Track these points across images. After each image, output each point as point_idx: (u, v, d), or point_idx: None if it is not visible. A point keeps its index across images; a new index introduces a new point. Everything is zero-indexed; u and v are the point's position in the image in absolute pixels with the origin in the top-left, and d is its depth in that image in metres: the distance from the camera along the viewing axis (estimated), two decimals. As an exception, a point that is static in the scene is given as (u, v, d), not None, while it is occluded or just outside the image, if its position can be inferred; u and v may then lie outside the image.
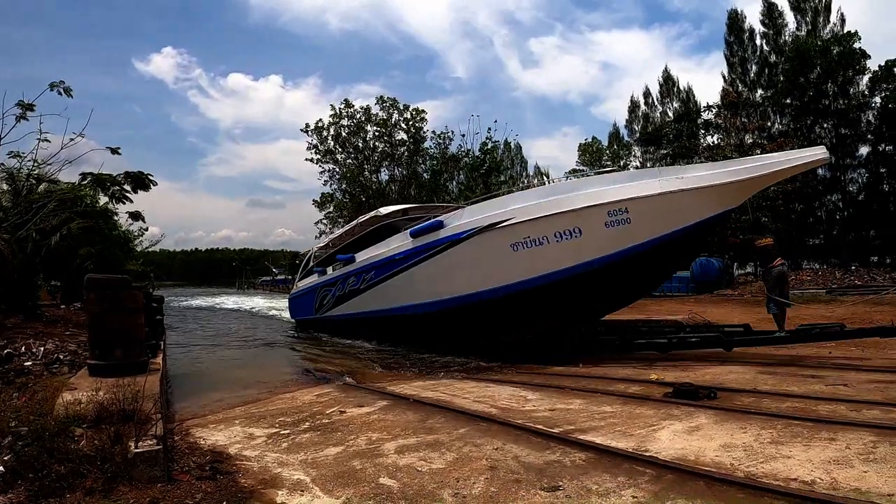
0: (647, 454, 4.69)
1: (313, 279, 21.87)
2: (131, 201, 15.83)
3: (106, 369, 6.95)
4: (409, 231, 14.57)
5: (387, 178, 47.37)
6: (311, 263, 23.24)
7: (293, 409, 7.77)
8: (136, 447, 4.22)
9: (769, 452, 4.58)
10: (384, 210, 18.76)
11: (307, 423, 6.77)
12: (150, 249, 30.40)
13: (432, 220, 13.95)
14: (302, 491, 4.26)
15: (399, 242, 15.03)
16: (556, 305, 11.75)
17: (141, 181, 15.13)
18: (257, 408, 8.12)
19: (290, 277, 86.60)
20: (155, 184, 15.61)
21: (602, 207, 10.58)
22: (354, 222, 20.68)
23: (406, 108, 46.35)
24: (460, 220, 13.06)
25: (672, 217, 10.10)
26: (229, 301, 52.07)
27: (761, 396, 6.94)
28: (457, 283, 13.10)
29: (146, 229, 24.18)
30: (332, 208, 47.40)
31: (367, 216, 19.54)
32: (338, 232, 22.64)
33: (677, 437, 5.30)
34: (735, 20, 42.38)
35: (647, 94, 49.26)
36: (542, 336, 12.19)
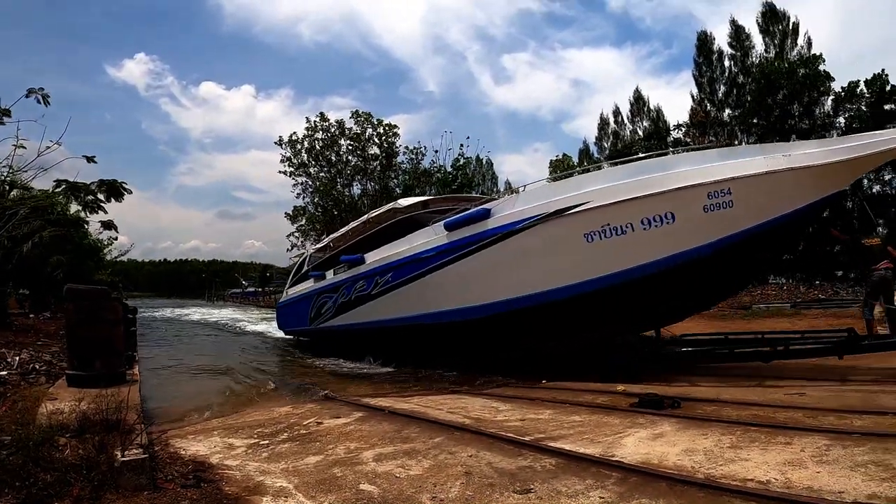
0: (614, 459, 4.93)
1: (308, 285, 19.65)
2: (105, 211, 15.72)
3: (85, 380, 7.05)
4: (441, 223, 12.63)
5: (359, 192, 47.50)
6: (306, 267, 20.87)
7: (270, 421, 7.88)
8: (123, 456, 4.34)
9: (728, 456, 4.84)
10: (403, 202, 16.30)
11: (285, 434, 6.92)
12: (118, 259, 30.12)
13: (475, 208, 12.15)
14: (286, 497, 4.42)
15: (426, 238, 13.04)
16: (631, 308, 10.48)
17: (115, 189, 14.90)
18: (234, 419, 8.24)
19: (259, 290, 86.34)
20: (129, 192, 15.48)
21: (702, 188, 9.06)
22: (363, 218, 18.04)
23: (380, 122, 46.70)
24: (513, 207, 11.20)
25: (778, 200, 8.79)
26: (202, 314, 51.54)
27: (723, 405, 7.22)
28: (510, 283, 11.15)
29: (115, 239, 23.95)
30: (304, 221, 47.34)
31: (381, 210, 17.10)
32: (340, 231, 20.06)
33: (642, 443, 5.54)
34: (704, 41, 43.26)
35: (616, 112, 49.71)
36: (591, 346, 11.07)
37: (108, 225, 17.01)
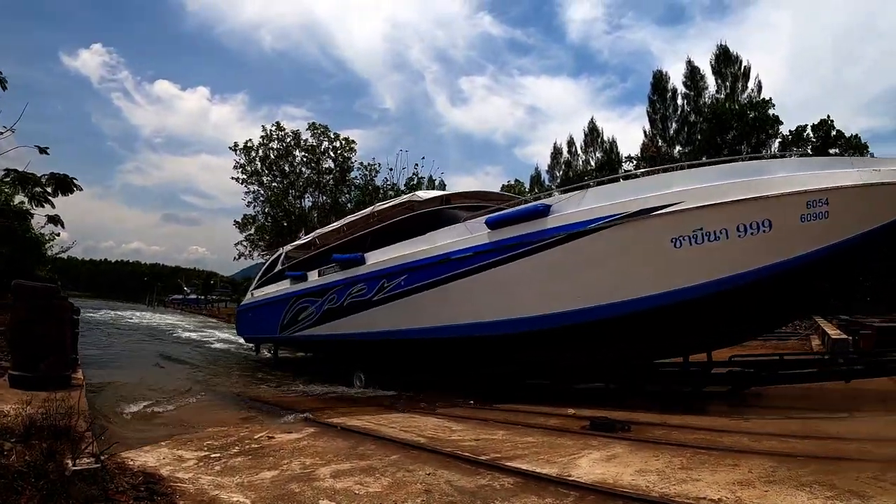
0: (571, 478, 5.03)
1: (283, 287, 17.44)
2: (52, 205, 15.19)
3: (30, 381, 6.82)
4: (480, 220, 11.15)
5: (310, 204, 47.08)
6: (280, 266, 18.55)
7: (219, 433, 7.74)
8: (74, 465, 4.22)
9: (680, 476, 5.01)
10: (423, 195, 14.03)
11: (236, 448, 6.81)
12: (59, 256, 29.03)
13: (530, 204, 10.84)
14: (244, 512, 4.37)
15: (458, 236, 11.48)
16: (715, 322, 9.48)
17: (65, 184, 14.44)
18: (182, 431, 8.08)
19: (202, 297, 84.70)
20: (80, 188, 15.01)
21: (801, 196, 8.37)
22: (366, 211, 15.89)
23: (336, 136, 46.42)
24: (580, 205, 9.92)
25: (869, 214, 8.29)
26: (143, 317, 50.18)
27: (671, 429, 7.44)
28: (577, 292, 9.79)
29: (58, 234, 23.05)
30: (253, 231, 46.62)
31: (393, 202, 15.01)
32: (332, 225, 17.76)
33: (596, 464, 5.66)
34: (660, 80, 44.83)
35: (570, 142, 50.83)
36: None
37: (54, 219, 16.31)
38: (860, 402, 8.91)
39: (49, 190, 14.15)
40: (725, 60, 41.74)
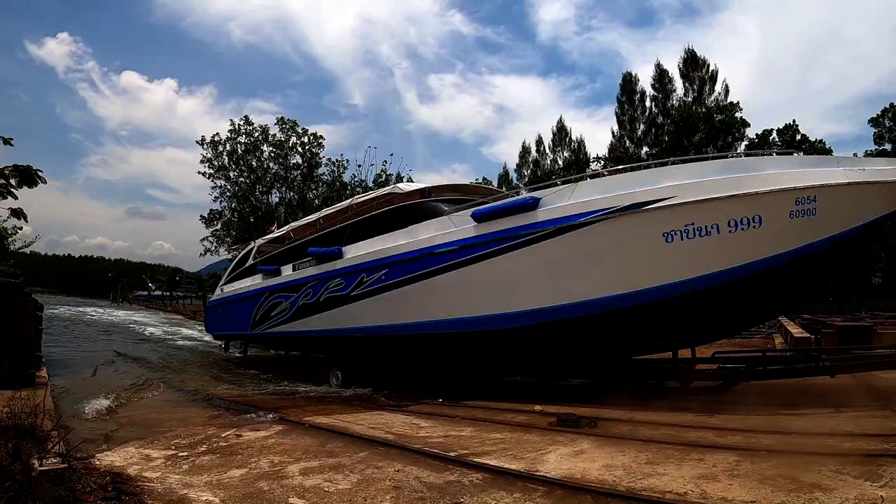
0: (539, 474, 5.10)
1: (255, 282, 17.06)
2: (15, 197, 14.82)
3: (-7, 379, 6.67)
4: (465, 213, 10.94)
5: (277, 200, 46.67)
6: (252, 260, 18.02)
7: (187, 432, 7.70)
8: (41, 465, 4.16)
9: (646, 471, 5.11)
10: (404, 187, 13.94)
11: (204, 446, 6.78)
12: (21, 251, 28.33)
13: (519, 197, 10.75)
14: (213, 510, 4.35)
15: (441, 229, 11.28)
16: (704, 317, 9.51)
17: (29, 176, 14.11)
18: (149, 430, 7.99)
19: (167, 293, 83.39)
20: (44, 181, 14.66)
21: (790, 193, 8.50)
22: (343, 204, 15.46)
23: (304, 132, 46.06)
24: (570, 198, 9.81)
25: (855, 211, 8.47)
26: (108, 314, 49.22)
27: (637, 425, 7.55)
28: (566, 286, 9.72)
29: (20, 228, 22.44)
30: (219, 226, 46.01)
31: (373, 194, 14.60)
32: (307, 218, 17.35)
33: (564, 459, 5.75)
34: (628, 82, 45.31)
35: (539, 141, 50.96)
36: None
37: (17, 213, 16.00)
38: (823, 398, 9.11)
39: (13, 182, 13.77)
40: (693, 64, 42.43)
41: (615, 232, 9.27)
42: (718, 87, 41.52)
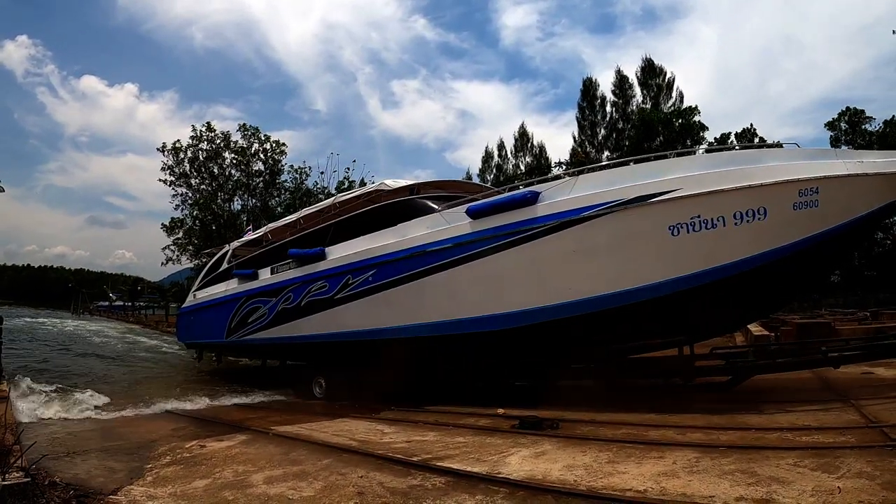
0: (500, 476, 5.15)
1: (230, 286, 16.09)
2: (-28, 207, 14.51)
3: (-53, 397, 6.52)
4: (460, 209, 10.57)
5: (239, 207, 46.20)
6: (226, 264, 17.07)
7: (149, 443, 7.64)
8: (4, 480, 4.10)
9: (606, 470, 5.19)
10: (392, 183, 12.85)
11: (168, 457, 6.73)
12: (-24, 261, 27.67)
13: (518, 192, 10.34)
14: (175, 521, 4.31)
15: (433, 227, 10.86)
16: (710, 312, 9.30)
17: (-13, 186, 13.80)
18: (111, 442, 7.90)
19: (128, 304, 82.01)
20: (2, 189, 14.35)
21: (794, 185, 8.37)
22: (327, 202, 14.67)
23: (267, 138, 45.68)
24: (570, 192, 9.51)
25: (855, 203, 8.37)
26: (67, 325, 48.11)
27: (599, 425, 7.65)
28: (570, 283, 9.35)
29: (-23, 237, 21.97)
30: (181, 234, 45.37)
31: (358, 192, 13.98)
32: (286, 219, 16.57)
33: (525, 461, 5.81)
34: (589, 87, 45.69)
35: (501, 146, 50.81)
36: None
37: (-25, 222, 15.62)
38: (781, 393, 9.34)
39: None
40: (651, 72, 43.10)
41: (619, 226, 9.00)
42: (674, 94, 42.37)
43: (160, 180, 44.06)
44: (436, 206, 11.26)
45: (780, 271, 8.68)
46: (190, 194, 44.67)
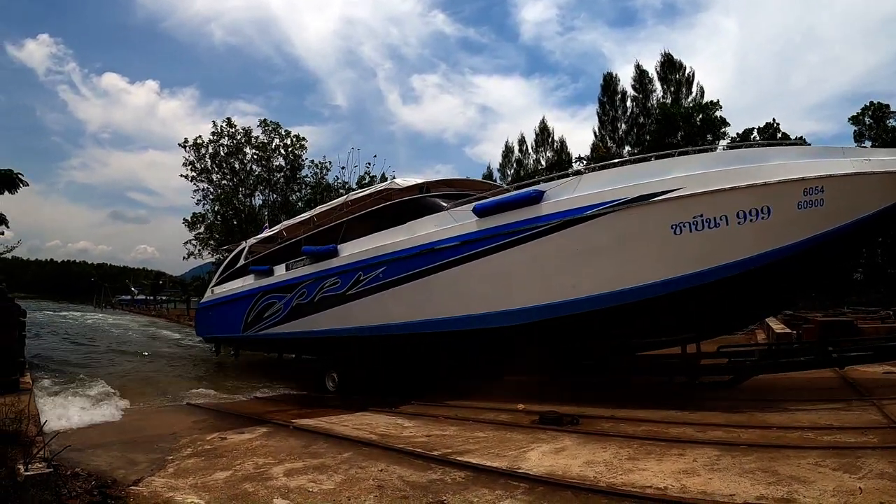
0: (520, 471, 5.16)
1: (247, 282, 16.50)
2: (-5, 202, 14.67)
3: (-24, 387, 6.65)
4: (467, 208, 10.70)
5: (260, 202, 46.50)
6: (243, 261, 17.50)
7: (170, 435, 7.72)
8: (27, 470, 4.17)
9: (627, 467, 5.19)
10: (402, 182, 13.10)
11: (189, 449, 6.81)
12: (2, 256, 27.99)
13: (523, 191, 10.40)
14: (198, 512, 4.37)
15: (441, 225, 11.02)
16: (713, 311, 9.35)
17: (10, 181, 13.91)
18: (133, 434, 8.02)
19: (150, 298, 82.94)
20: (26, 184, 14.45)
21: (798, 184, 8.33)
22: (339, 201, 14.94)
23: (287, 133, 45.86)
24: (575, 191, 9.60)
25: (861, 202, 8.30)
26: (96, 319, 48.71)
27: (619, 421, 7.63)
28: (574, 280, 9.45)
29: (1, 233, 22.22)
30: (202, 229, 45.75)
31: (369, 190, 14.12)
32: (300, 216, 16.79)
33: (545, 456, 5.82)
34: (609, 82, 45.34)
35: (521, 141, 50.52)
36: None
37: (-2, 219, 15.88)
38: (802, 392, 9.26)
39: (-7, 187, 13.68)
40: (670, 67, 42.72)
41: (622, 224, 9.06)
42: (695, 89, 41.97)
43: (181, 176, 44.54)
44: (444, 205, 11.40)
45: (785, 270, 8.69)
46: (211, 189, 45.04)
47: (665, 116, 38.82)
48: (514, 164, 49.98)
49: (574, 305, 9.41)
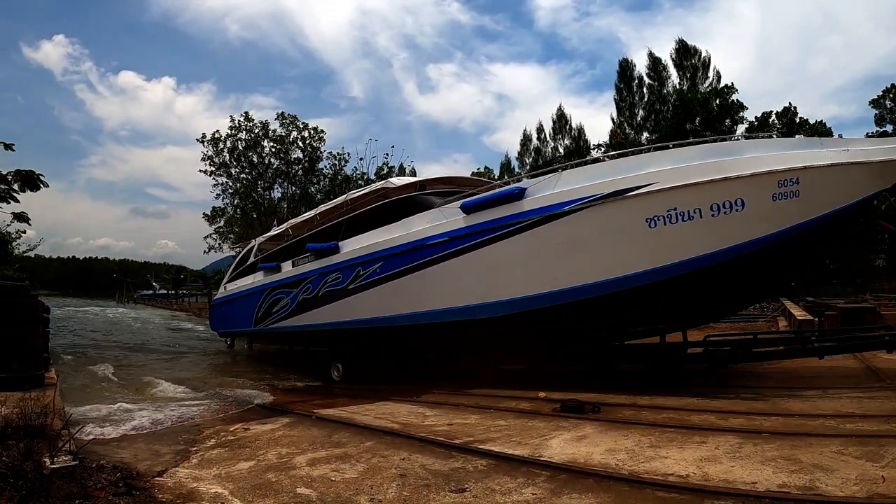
0: (542, 459, 5.17)
1: (256, 279, 17.24)
2: (17, 201, 14.88)
3: (3, 382, 6.76)
4: (455, 205, 11.08)
5: (279, 195, 46.69)
6: (253, 258, 18.23)
7: (194, 427, 7.82)
8: (52, 463, 4.23)
9: (648, 454, 5.17)
10: (397, 181, 13.67)
11: (212, 440, 6.89)
12: (26, 254, 28.39)
13: (506, 188, 10.75)
14: (222, 503, 4.41)
15: (433, 221, 11.43)
16: (687, 302, 9.68)
17: (31, 180, 14.17)
18: (156, 426, 8.13)
19: (171, 292, 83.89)
20: (46, 185, 14.71)
21: (772, 176, 8.51)
22: (339, 199, 15.47)
23: (305, 126, 45.89)
24: (555, 187, 9.90)
25: (838, 192, 8.47)
26: (118, 314, 49.36)
27: (640, 409, 7.61)
28: (554, 273, 9.81)
29: (24, 232, 22.53)
30: (222, 223, 46.07)
31: (367, 189, 14.61)
32: (305, 215, 17.37)
33: (567, 444, 5.82)
34: (625, 68, 44.95)
35: (539, 128, 50.23)
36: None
37: (21, 217, 16.09)
38: (824, 380, 9.21)
39: (15, 187, 13.89)
40: (685, 53, 42.25)
41: (599, 219, 9.37)
42: (711, 74, 41.53)
43: (200, 171, 44.74)
44: (436, 202, 11.85)
45: (762, 260, 8.93)
46: (230, 183, 45.28)
47: (682, 102, 38.45)
48: (533, 153, 49.69)
49: (554, 297, 9.81)
